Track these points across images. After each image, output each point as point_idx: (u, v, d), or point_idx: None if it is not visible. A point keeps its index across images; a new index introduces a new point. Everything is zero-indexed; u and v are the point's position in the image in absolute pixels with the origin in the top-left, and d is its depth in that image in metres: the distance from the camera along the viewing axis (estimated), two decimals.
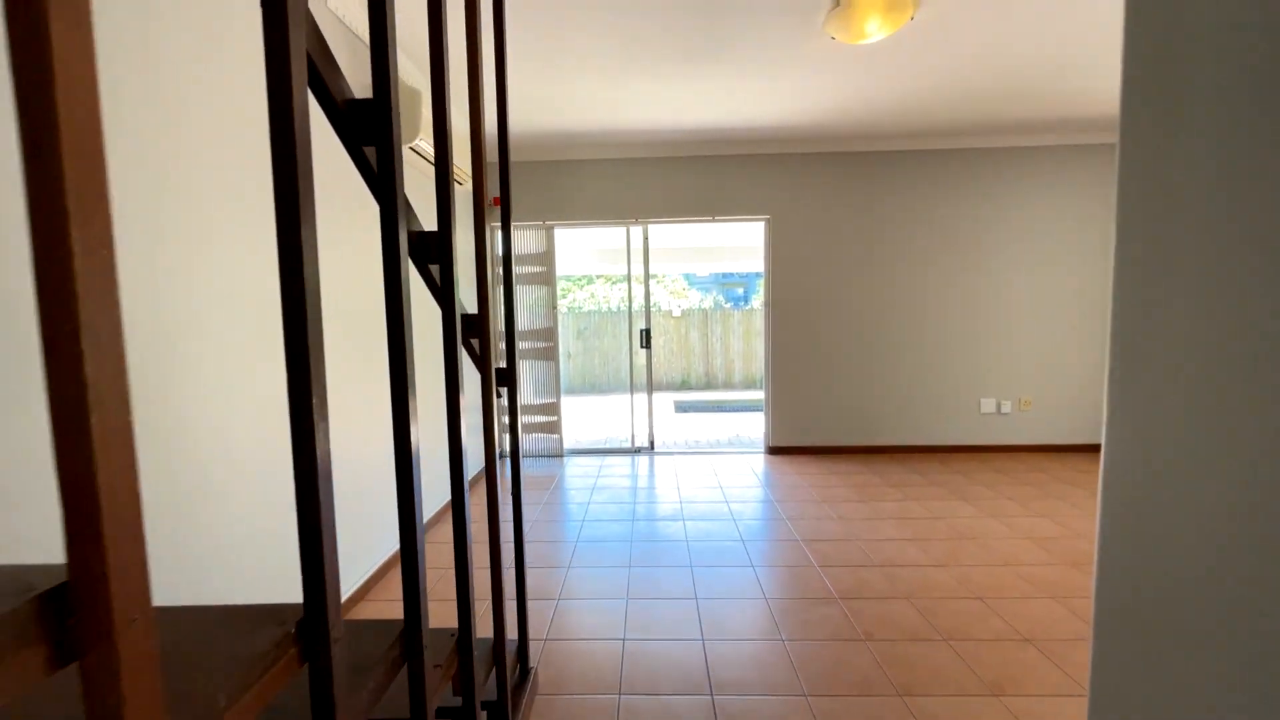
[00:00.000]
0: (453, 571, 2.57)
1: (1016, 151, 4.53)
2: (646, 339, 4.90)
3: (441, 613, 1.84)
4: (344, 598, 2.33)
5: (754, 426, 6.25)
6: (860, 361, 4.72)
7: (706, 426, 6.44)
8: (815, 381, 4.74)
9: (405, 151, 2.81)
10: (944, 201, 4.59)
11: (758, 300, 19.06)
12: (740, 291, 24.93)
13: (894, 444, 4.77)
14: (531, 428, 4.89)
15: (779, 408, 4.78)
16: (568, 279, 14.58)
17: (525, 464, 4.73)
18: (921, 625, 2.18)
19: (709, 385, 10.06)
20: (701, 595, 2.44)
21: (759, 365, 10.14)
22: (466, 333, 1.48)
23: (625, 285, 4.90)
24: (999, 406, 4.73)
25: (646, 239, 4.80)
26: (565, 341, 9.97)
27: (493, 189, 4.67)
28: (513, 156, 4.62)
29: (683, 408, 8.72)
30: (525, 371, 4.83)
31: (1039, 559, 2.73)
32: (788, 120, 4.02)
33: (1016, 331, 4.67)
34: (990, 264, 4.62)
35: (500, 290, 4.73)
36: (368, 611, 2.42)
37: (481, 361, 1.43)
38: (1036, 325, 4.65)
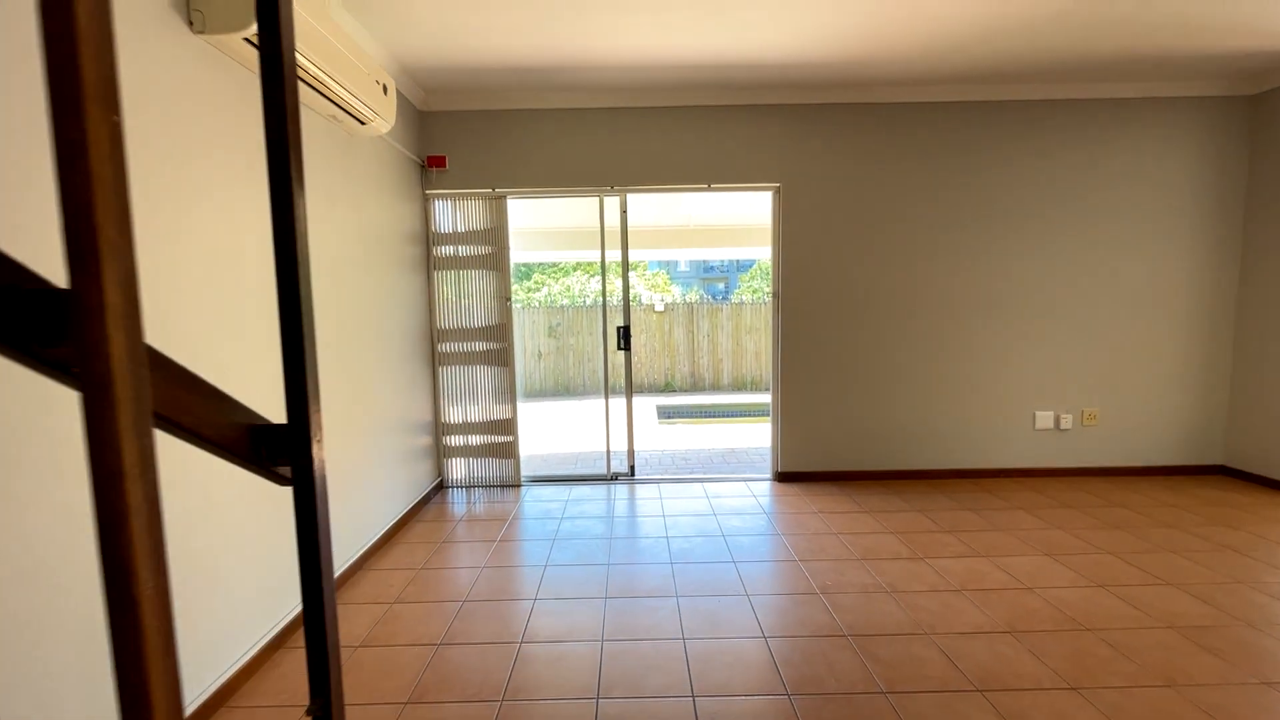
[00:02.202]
0: None
1: (1089, 105, 3.64)
2: (625, 339, 3.92)
3: None
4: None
5: (752, 438, 5.33)
6: (889, 366, 3.80)
7: (695, 438, 5.50)
8: (834, 391, 3.82)
9: (238, 45, 1.78)
10: (995, 170, 3.68)
11: (739, 295, 18.21)
12: (721, 286, 24.10)
13: (932, 468, 3.87)
14: (478, 451, 3.88)
15: (790, 423, 3.84)
16: (541, 269, 13.53)
17: (474, 497, 3.72)
18: None
19: (695, 387, 9.13)
20: None
21: (750, 365, 9.24)
22: (27, 331, 0.47)
23: (601, 274, 3.90)
24: (1058, 421, 3.86)
25: (625, 213, 3.81)
26: (536, 340, 8.95)
27: (433, 143, 3.63)
28: (451, 104, 3.59)
29: (666, 414, 7.77)
30: (470, 380, 3.82)
31: (1210, 672, 1.83)
32: (809, 55, 3.06)
33: (1079, 330, 3.79)
34: (1047, 247, 3.73)
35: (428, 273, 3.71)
36: None
37: (91, 400, 0.42)
38: (1102, 323, 3.79)
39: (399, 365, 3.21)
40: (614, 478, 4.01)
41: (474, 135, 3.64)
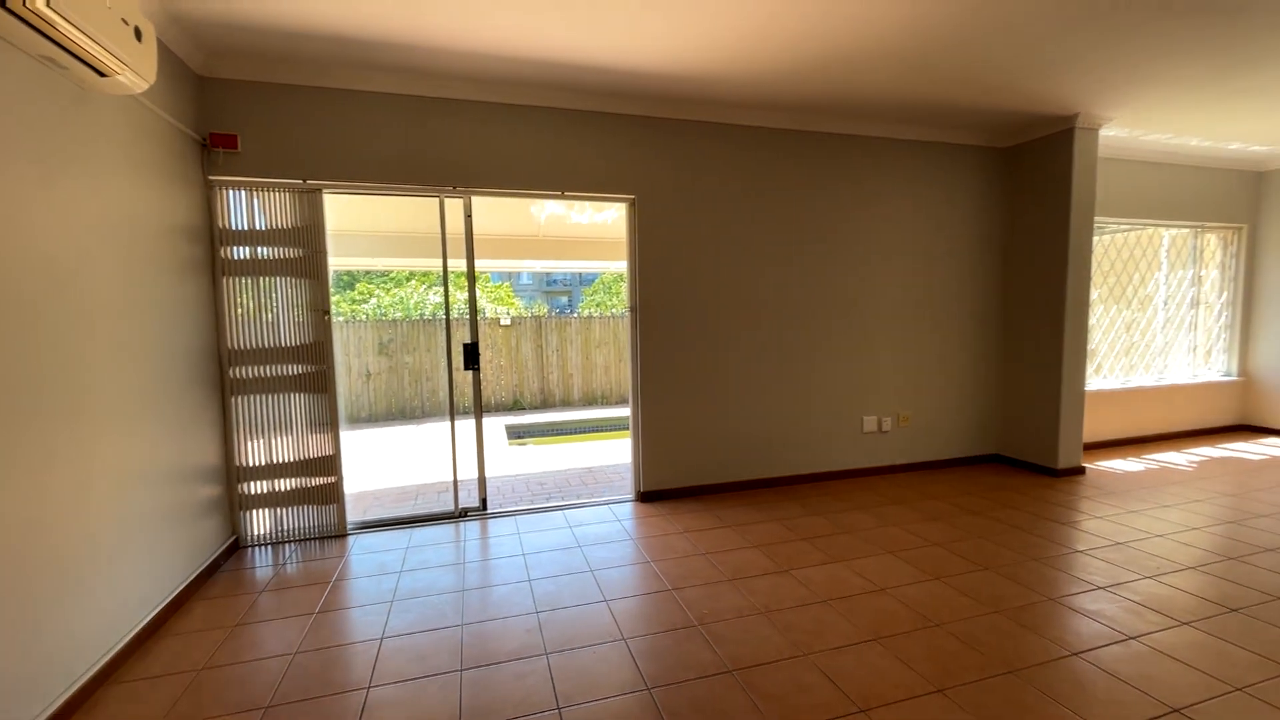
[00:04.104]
0: None
1: (899, 143, 4.12)
2: (473, 357, 3.51)
3: None
4: None
5: (609, 455, 5.18)
6: (740, 378, 3.91)
7: (550, 459, 5.20)
8: (691, 405, 3.81)
9: None
10: (822, 194, 4.00)
11: (585, 309, 18.23)
12: (565, 300, 23.94)
13: (781, 475, 4.05)
14: (289, 498, 3.17)
15: (650, 441, 3.75)
16: (368, 277, 12.19)
17: (285, 556, 3.02)
18: None
19: (545, 404, 8.79)
20: None
21: (600, 380, 9.16)
22: None
23: (441, 285, 3.47)
24: (880, 424, 4.29)
25: (469, 217, 3.43)
26: (363, 358, 7.90)
27: (220, 118, 2.90)
28: (245, 72, 2.92)
29: (517, 434, 7.34)
30: (278, 410, 3.12)
31: (1036, 651, 2.04)
32: (666, 65, 3.01)
33: (892, 341, 4.27)
34: (865, 267, 4.15)
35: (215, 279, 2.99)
36: None
37: None
38: (908, 334, 4.31)
39: (166, 396, 2.47)
40: (463, 514, 3.56)
41: (279, 113, 2.99)
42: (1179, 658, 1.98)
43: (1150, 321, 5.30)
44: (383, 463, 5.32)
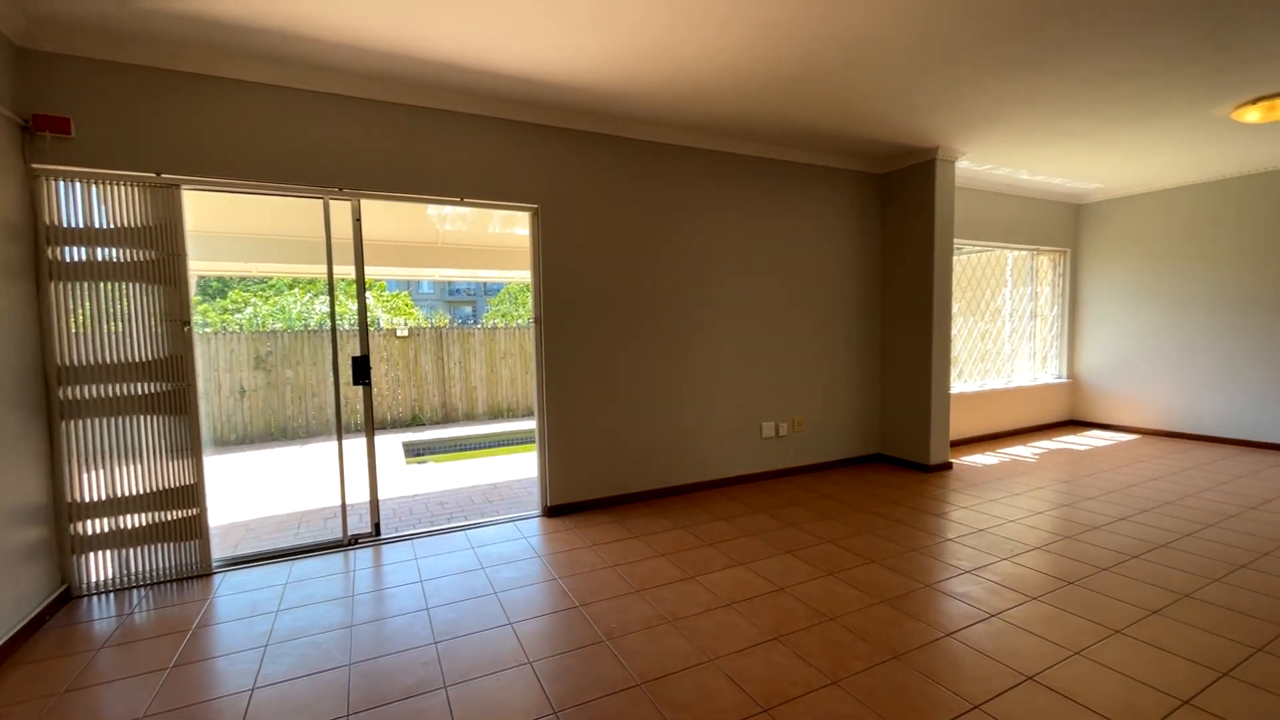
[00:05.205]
0: None
1: (790, 165, 4.40)
2: (363, 371, 3.27)
3: None
4: None
5: (515, 469, 5.02)
6: (646, 389, 3.96)
7: (453, 476, 4.95)
8: (598, 417, 3.80)
9: None
10: (720, 211, 4.17)
11: (490, 320, 17.72)
12: (469, 310, 23.13)
13: (688, 482, 4.13)
14: (139, 536, 2.76)
15: (557, 454, 3.68)
16: (243, 284, 11.08)
17: (133, 604, 2.61)
18: None
19: (448, 419, 8.38)
20: None
21: (506, 392, 8.90)
22: None
23: (329, 294, 3.21)
24: (778, 429, 4.52)
25: (359, 221, 3.20)
26: (235, 374, 7.12)
27: (48, 98, 2.50)
28: (83, 46, 2.54)
29: (415, 451, 6.93)
30: (125, 436, 2.71)
31: (917, 636, 2.22)
32: (573, 76, 3.00)
33: (787, 350, 4.52)
34: (764, 281, 4.38)
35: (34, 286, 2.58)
36: None
37: None
38: (801, 343, 4.59)
39: None
40: (353, 542, 3.28)
41: (126, 96, 2.63)
42: (1031, 630, 2.24)
43: (1000, 332, 6.04)
44: (259, 489, 4.79)
